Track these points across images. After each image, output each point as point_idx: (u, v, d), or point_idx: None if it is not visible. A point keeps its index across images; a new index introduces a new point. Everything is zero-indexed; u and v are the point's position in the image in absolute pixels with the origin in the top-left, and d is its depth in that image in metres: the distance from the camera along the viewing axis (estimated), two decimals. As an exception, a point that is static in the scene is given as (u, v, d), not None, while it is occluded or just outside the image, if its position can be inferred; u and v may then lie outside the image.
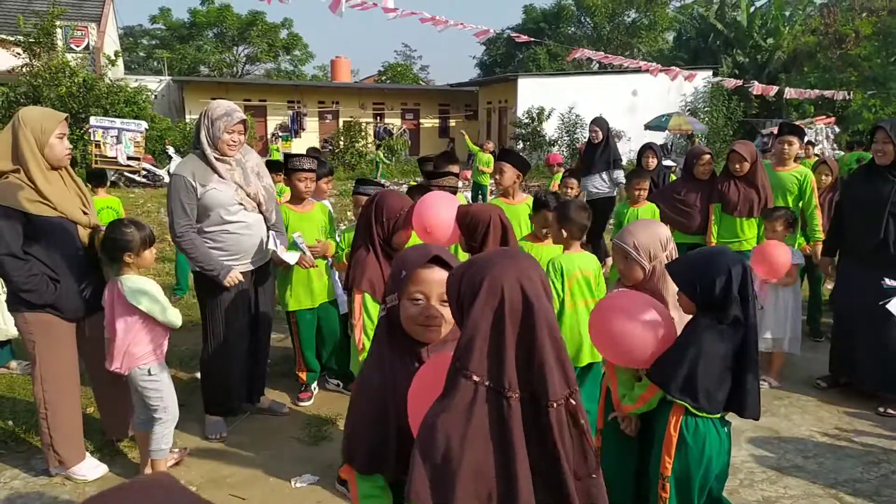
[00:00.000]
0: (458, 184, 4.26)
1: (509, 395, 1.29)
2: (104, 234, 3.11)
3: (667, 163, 9.15)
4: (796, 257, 4.60)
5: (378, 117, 27.11)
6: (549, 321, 1.32)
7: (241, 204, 3.56)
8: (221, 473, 3.38)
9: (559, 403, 1.29)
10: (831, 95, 15.85)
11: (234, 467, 3.44)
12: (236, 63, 38.50)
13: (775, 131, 6.67)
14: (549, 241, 3.74)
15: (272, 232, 3.72)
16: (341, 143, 21.58)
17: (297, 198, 4.19)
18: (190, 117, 22.41)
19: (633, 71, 20.15)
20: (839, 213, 4.47)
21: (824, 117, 17.92)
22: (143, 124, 15.48)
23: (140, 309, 3.02)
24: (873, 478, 3.39)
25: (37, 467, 3.39)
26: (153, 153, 16.56)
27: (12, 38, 16.19)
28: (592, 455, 1.35)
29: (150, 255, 3.12)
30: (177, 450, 3.51)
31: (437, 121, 28.74)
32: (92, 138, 14.00)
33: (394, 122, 26.76)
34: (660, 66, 11.28)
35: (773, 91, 13.49)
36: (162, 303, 3.08)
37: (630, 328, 2.32)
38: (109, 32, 22.02)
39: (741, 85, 13.72)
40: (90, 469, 3.29)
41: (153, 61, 39.02)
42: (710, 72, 23.22)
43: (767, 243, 4.43)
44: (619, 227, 5.32)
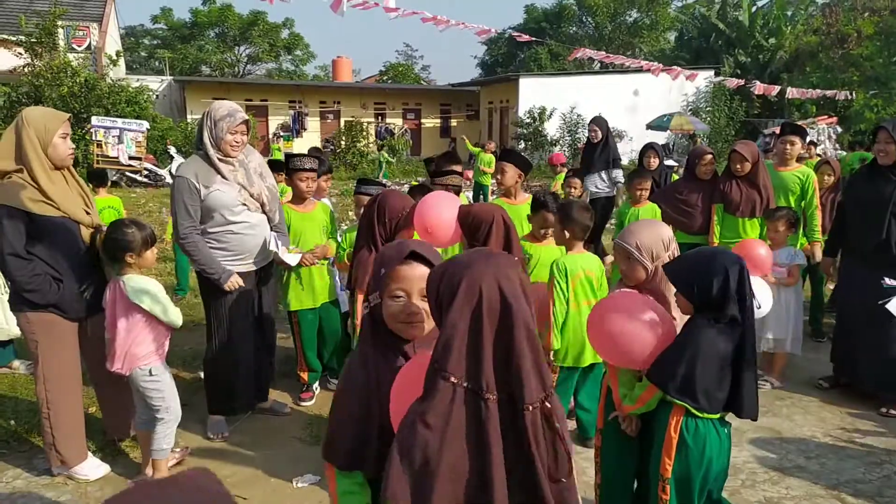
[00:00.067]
0: (461, 182, 4.26)
1: (487, 396, 1.28)
2: (105, 235, 3.12)
3: (668, 163, 9.15)
4: (798, 258, 4.59)
5: (379, 117, 27.11)
6: (527, 322, 1.32)
7: (245, 204, 3.56)
8: (223, 473, 3.37)
9: (535, 406, 1.29)
10: (833, 95, 15.82)
11: (236, 467, 3.44)
12: (238, 63, 38.53)
13: (777, 131, 6.67)
14: (548, 242, 3.74)
15: (273, 233, 3.72)
16: (343, 143, 21.58)
17: (299, 198, 4.19)
18: (191, 117, 22.43)
19: (634, 71, 20.15)
20: (841, 213, 4.47)
21: (826, 117, 17.90)
22: (145, 124, 15.52)
23: (142, 308, 3.02)
24: (875, 478, 3.39)
25: (39, 467, 3.39)
26: (155, 153, 16.58)
27: (14, 38, 16.21)
28: (566, 459, 1.34)
29: (151, 254, 3.12)
30: (178, 449, 3.51)
31: (438, 121, 28.73)
32: (93, 138, 14.03)
33: (395, 122, 26.77)
34: (661, 66, 11.28)
35: (775, 91, 13.49)
36: (164, 302, 3.08)
37: (627, 329, 2.32)
38: (111, 32, 22.03)
39: (743, 85, 13.70)
40: (92, 469, 3.29)
41: (155, 61, 39.06)
42: (712, 71, 23.21)
43: (745, 242, 4.37)
44: (620, 227, 5.32)
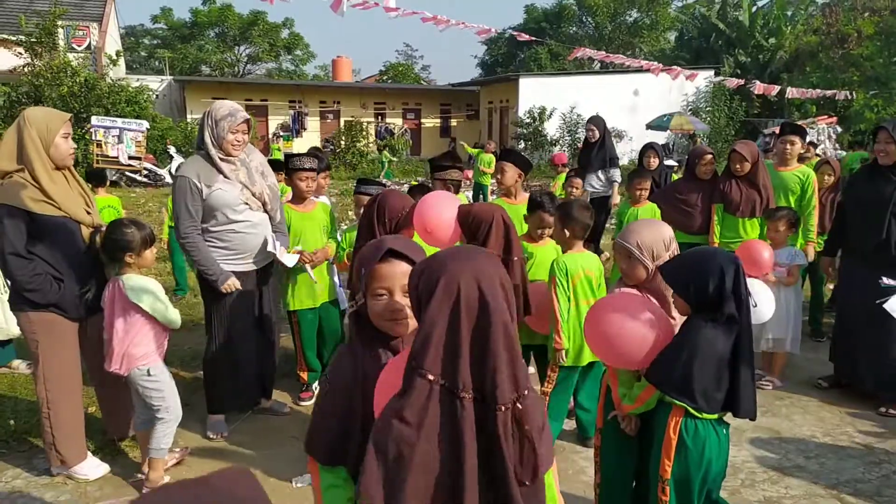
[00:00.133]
0: (461, 177, 4.27)
1: (462, 395, 1.28)
2: (104, 234, 3.12)
3: (668, 162, 9.15)
4: (799, 258, 4.59)
5: (379, 117, 27.11)
6: (505, 322, 1.31)
7: (247, 203, 3.57)
8: (223, 473, 3.37)
9: (507, 407, 1.28)
10: (833, 95, 15.81)
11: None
12: (238, 63, 38.53)
13: (777, 131, 6.67)
14: (544, 242, 3.74)
15: (272, 233, 3.72)
16: (342, 143, 21.58)
17: (299, 197, 4.19)
18: (191, 117, 22.43)
19: (634, 70, 20.15)
20: (841, 213, 4.47)
21: (826, 117, 17.90)
22: (145, 124, 15.52)
23: (141, 308, 3.02)
24: (875, 478, 3.39)
25: (38, 467, 3.39)
26: (154, 153, 16.58)
27: (14, 38, 16.21)
28: (533, 462, 1.33)
29: (150, 254, 3.12)
30: (178, 449, 3.51)
31: (438, 120, 28.73)
32: (93, 138, 14.03)
33: (395, 122, 26.77)
34: (661, 66, 11.28)
35: (775, 91, 13.48)
36: (163, 302, 3.08)
37: (624, 331, 2.32)
38: (111, 32, 22.03)
39: (743, 84, 13.70)
40: (92, 468, 3.29)
41: (154, 61, 39.06)
42: (712, 71, 23.21)
43: (748, 243, 4.38)
44: (620, 226, 5.32)
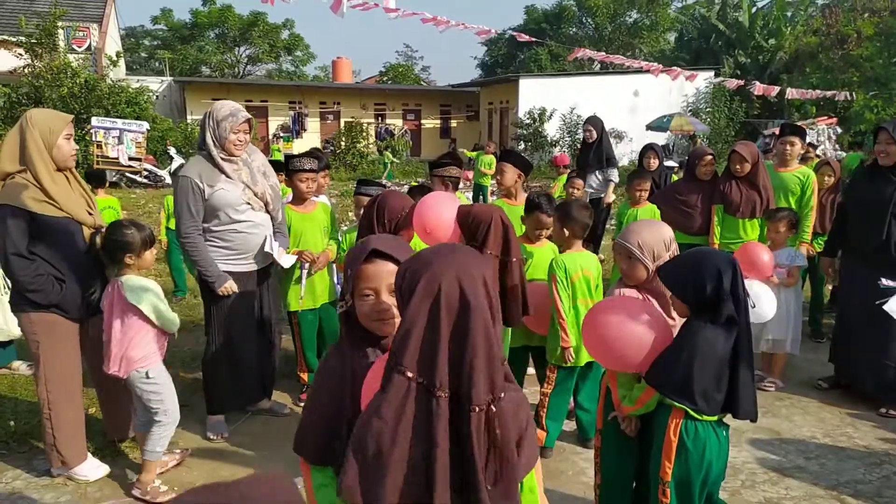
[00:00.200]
0: (459, 175, 4.28)
1: (439, 394, 1.27)
2: (104, 235, 3.12)
3: (668, 163, 9.14)
4: (799, 259, 4.59)
5: (379, 118, 27.13)
6: (486, 322, 1.30)
7: (249, 203, 3.57)
8: (222, 474, 3.38)
9: (480, 408, 1.27)
10: (833, 96, 15.82)
11: (235, 467, 3.44)
12: (238, 64, 38.53)
13: (777, 132, 6.67)
14: (542, 243, 3.74)
15: (270, 234, 3.72)
16: (343, 144, 21.59)
17: (299, 198, 4.19)
18: (191, 118, 22.43)
19: (634, 71, 20.16)
20: (842, 214, 4.47)
21: (826, 118, 17.92)
22: (145, 125, 15.50)
23: (139, 310, 3.01)
24: (875, 479, 3.39)
25: (38, 468, 3.39)
26: (155, 154, 16.58)
27: (14, 39, 16.22)
28: (502, 467, 1.31)
29: (150, 255, 3.12)
30: (178, 450, 3.51)
31: (438, 121, 28.75)
32: (93, 139, 14.01)
33: (395, 123, 26.78)
34: (661, 67, 11.28)
35: (775, 91, 13.49)
36: (162, 304, 3.08)
37: (622, 334, 2.31)
38: (111, 33, 22.04)
39: (743, 85, 13.71)
40: (92, 469, 3.29)
41: (155, 62, 39.07)
42: (712, 72, 23.20)
43: (747, 245, 4.38)
44: (620, 227, 5.32)
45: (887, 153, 4.02)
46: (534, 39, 13.87)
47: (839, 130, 17.57)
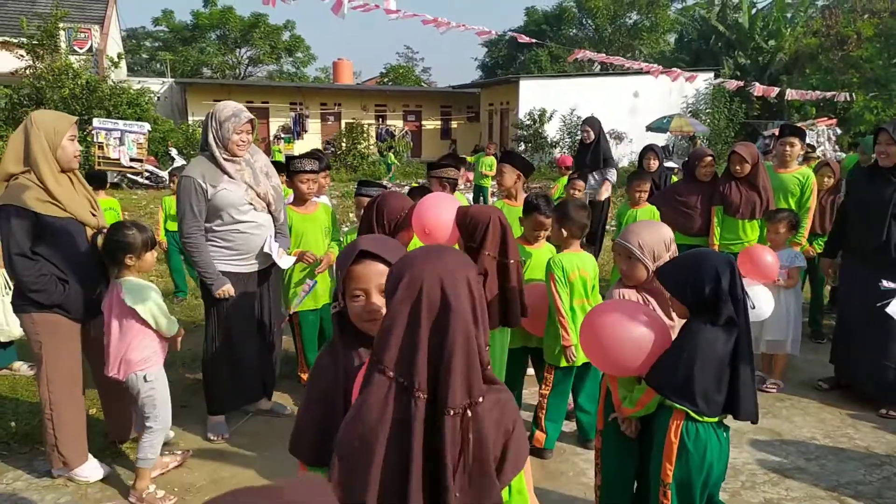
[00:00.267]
0: (457, 176, 4.29)
1: (417, 394, 1.27)
2: (105, 236, 3.12)
3: (668, 164, 9.14)
4: (799, 260, 4.60)
5: (380, 119, 27.16)
6: (466, 324, 1.28)
7: (251, 204, 3.58)
8: (223, 475, 3.38)
9: (456, 412, 1.26)
10: (833, 97, 15.80)
11: (236, 468, 3.44)
12: (239, 65, 38.54)
13: (777, 133, 6.67)
14: (540, 244, 3.74)
15: (270, 235, 3.73)
16: (343, 145, 21.61)
17: (300, 199, 4.20)
18: (193, 119, 22.46)
19: (634, 73, 20.19)
20: (842, 215, 4.47)
21: (826, 119, 17.90)
22: (146, 126, 15.51)
23: (137, 313, 3.01)
24: (875, 480, 3.39)
25: (39, 468, 3.40)
26: (156, 155, 16.60)
27: (16, 41, 16.24)
28: (477, 474, 1.27)
29: (150, 257, 3.12)
30: (179, 452, 3.51)
31: (438, 122, 28.78)
32: (95, 140, 14.02)
33: (396, 124, 26.81)
34: (661, 68, 11.26)
35: (775, 92, 13.45)
36: (161, 307, 3.06)
37: (620, 340, 2.31)
38: (112, 34, 22.06)
39: (742, 86, 13.68)
40: (92, 470, 3.29)
41: (156, 63, 39.10)
42: (712, 73, 23.19)
43: (751, 248, 4.38)
44: (619, 228, 5.32)
45: (887, 154, 4.02)
46: (534, 41, 13.83)
47: (839, 131, 17.56)
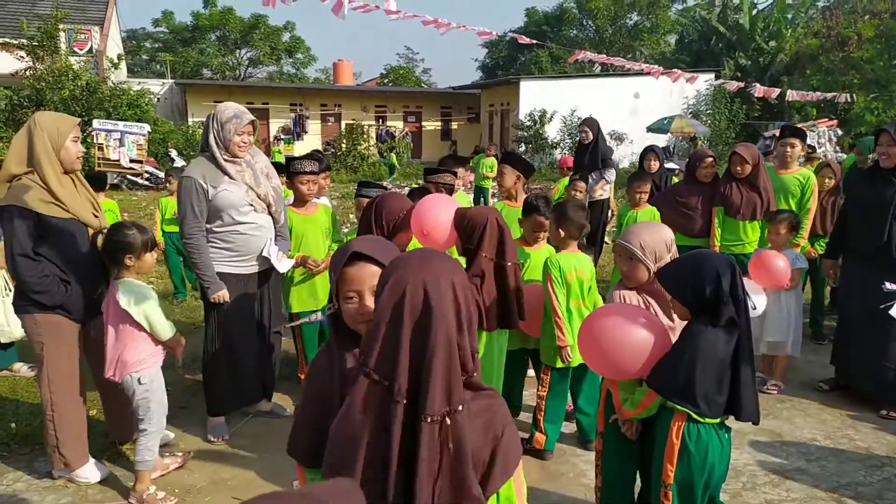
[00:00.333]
0: (454, 182, 4.28)
1: (398, 398, 1.27)
2: (105, 236, 3.12)
3: (669, 165, 9.15)
4: (800, 261, 4.59)
5: (380, 120, 27.17)
6: (448, 330, 1.27)
7: (252, 205, 3.57)
8: (222, 476, 3.38)
9: (434, 419, 1.24)
10: (833, 98, 15.80)
11: (236, 469, 3.44)
12: (239, 66, 38.55)
13: (777, 134, 6.67)
14: (539, 245, 3.74)
15: (270, 238, 3.72)
16: (343, 146, 21.62)
17: (301, 200, 4.20)
18: (192, 120, 22.47)
19: (635, 73, 20.19)
20: (843, 216, 4.47)
21: (826, 120, 17.87)
22: (146, 127, 15.52)
23: (131, 315, 2.99)
24: (876, 481, 3.39)
25: (39, 469, 3.39)
26: (156, 156, 16.60)
27: (16, 42, 16.26)
28: (453, 483, 1.26)
29: (150, 258, 3.11)
30: (180, 453, 3.51)
31: (439, 123, 28.78)
32: (95, 141, 14.03)
33: (396, 125, 26.81)
34: (662, 69, 11.27)
35: (776, 93, 13.44)
36: (156, 311, 3.04)
37: (619, 345, 2.31)
38: (112, 35, 22.08)
39: (743, 87, 13.68)
40: (93, 471, 3.29)
41: (156, 64, 39.11)
42: (713, 74, 23.19)
43: (763, 254, 4.39)
44: (620, 229, 5.32)
45: (888, 155, 4.02)
46: (534, 42, 13.83)
47: (840, 132, 17.53)
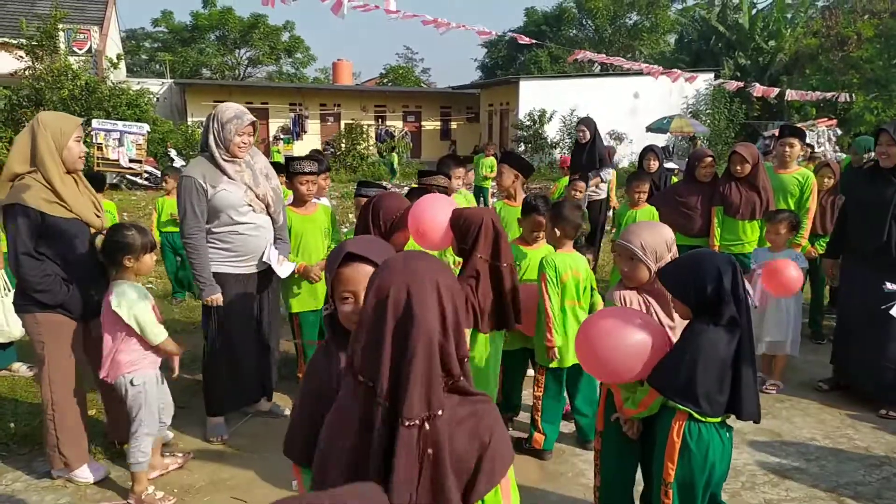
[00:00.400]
0: (448, 185, 4.28)
1: (380, 400, 1.27)
2: (105, 236, 3.12)
3: (668, 165, 9.15)
4: (800, 261, 4.58)
5: (379, 120, 27.17)
6: (429, 333, 1.26)
7: (250, 205, 3.57)
8: (222, 476, 3.38)
9: (412, 424, 1.23)
10: (833, 98, 15.80)
11: (235, 469, 3.44)
12: (238, 66, 38.53)
13: (777, 133, 6.67)
14: (538, 245, 3.73)
15: (270, 244, 3.71)
16: (343, 146, 21.62)
17: (300, 200, 4.20)
18: (192, 120, 22.46)
19: (634, 73, 20.17)
20: (843, 216, 4.47)
21: (826, 119, 17.88)
22: (145, 127, 15.51)
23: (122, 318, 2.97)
24: (875, 480, 3.39)
25: (38, 469, 3.39)
26: (155, 156, 16.59)
27: (15, 41, 16.24)
28: (434, 490, 1.25)
29: (149, 259, 3.10)
30: (180, 454, 3.51)
31: (438, 123, 28.78)
32: (94, 141, 14.01)
33: (395, 125, 26.81)
34: (661, 69, 11.28)
35: (775, 93, 13.45)
36: (147, 314, 3.01)
37: (618, 351, 2.30)
38: (112, 35, 22.05)
39: (743, 87, 13.68)
40: (93, 471, 3.29)
41: (155, 64, 39.09)
42: (712, 74, 23.19)
43: (776, 263, 4.30)
44: (619, 229, 5.32)
45: (888, 155, 4.02)
46: (534, 41, 13.83)
47: (839, 132, 17.54)
